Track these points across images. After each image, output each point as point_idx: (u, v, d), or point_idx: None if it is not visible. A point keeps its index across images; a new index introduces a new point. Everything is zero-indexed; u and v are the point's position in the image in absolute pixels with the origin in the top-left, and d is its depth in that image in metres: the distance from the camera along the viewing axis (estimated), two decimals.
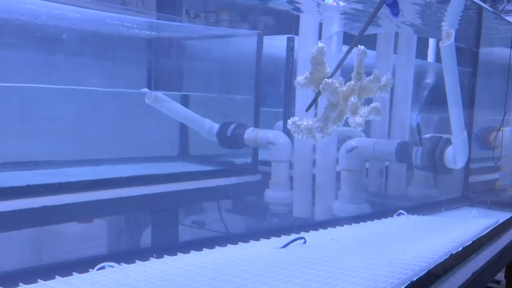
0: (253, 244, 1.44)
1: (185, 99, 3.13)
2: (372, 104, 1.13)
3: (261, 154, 2.94)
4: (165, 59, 3.20)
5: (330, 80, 1.09)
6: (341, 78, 1.12)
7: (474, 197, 2.40)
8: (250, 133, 2.72)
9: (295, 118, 1.10)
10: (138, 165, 2.94)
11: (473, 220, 1.78)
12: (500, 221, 1.95)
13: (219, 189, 2.74)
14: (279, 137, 2.58)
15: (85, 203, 2.27)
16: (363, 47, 1.14)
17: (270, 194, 2.61)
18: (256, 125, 2.92)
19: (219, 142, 2.84)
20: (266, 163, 2.82)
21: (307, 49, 2.43)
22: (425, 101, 3.44)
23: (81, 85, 2.68)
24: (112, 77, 2.90)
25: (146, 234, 2.90)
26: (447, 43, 1.74)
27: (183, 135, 3.27)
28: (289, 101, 2.85)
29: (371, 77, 1.13)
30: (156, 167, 3.00)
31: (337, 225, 1.70)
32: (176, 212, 2.82)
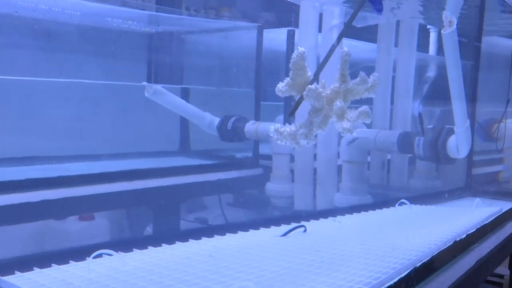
0: (252, 233, 1.42)
1: (185, 93, 3.12)
2: (360, 108, 1.10)
3: (263, 148, 2.93)
4: (165, 53, 3.19)
5: (313, 86, 1.05)
6: (323, 81, 1.09)
7: (477, 187, 2.38)
8: (250, 126, 2.70)
9: (277, 125, 1.07)
10: (138, 160, 2.93)
11: (476, 209, 1.76)
12: (504, 210, 1.92)
13: (220, 183, 2.72)
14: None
15: (84, 197, 2.26)
16: (346, 48, 1.11)
17: (271, 187, 2.60)
18: (257, 119, 2.90)
19: (220, 135, 2.83)
20: (268, 157, 2.81)
21: (307, 41, 2.42)
22: (427, 94, 3.42)
23: (80, 80, 2.66)
24: (111, 71, 2.89)
25: (147, 227, 2.89)
26: (449, 31, 1.72)
27: (184, 130, 3.26)
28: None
29: (357, 80, 1.10)
30: (156, 162, 2.99)
31: (338, 214, 1.68)
32: (176, 206, 2.81)
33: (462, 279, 1.50)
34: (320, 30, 2.34)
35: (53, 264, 1.13)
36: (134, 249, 1.24)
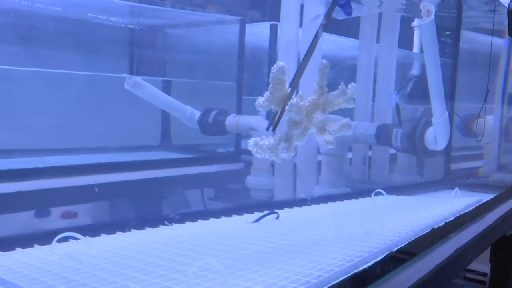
0: (224, 219, 1.40)
1: (167, 86, 3.08)
2: (342, 121, 1.10)
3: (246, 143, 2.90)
4: (146, 45, 3.16)
5: (294, 100, 1.05)
6: (300, 92, 1.08)
7: (456, 180, 2.38)
8: (231, 119, 2.68)
9: (256, 138, 1.06)
10: (118, 155, 2.89)
11: (455, 199, 1.75)
12: (484, 201, 1.92)
13: (200, 177, 2.70)
14: (261, 123, 2.54)
15: (61, 189, 2.23)
16: (325, 61, 1.11)
17: (252, 180, 2.58)
18: (239, 112, 2.88)
19: (201, 129, 2.80)
20: (249, 152, 2.78)
21: (288, 34, 2.41)
22: (410, 92, 3.42)
23: (58, 70, 2.62)
24: (92, 64, 2.85)
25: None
26: (427, 21, 1.71)
27: (165, 124, 3.23)
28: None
29: (337, 92, 1.10)
30: (136, 156, 2.95)
31: (313, 203, 1.67)
32: (158, 200, 2.77)
33: (440, 266, 1.49)
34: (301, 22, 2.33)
35: (17, 248, 1.10)
36: (102, 234, 1.22)
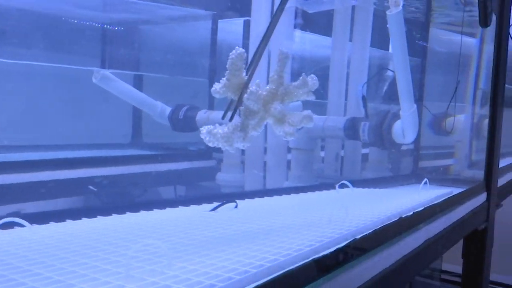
0: (181, 208, 1.35)
1: (138, 81, 3.03)
2: (303, 112, 1.06)
3: None
4: (117, 39, 3.09)
5: (253, 88, 1.01)
6: (258, 81, 1.04)
7: (425, 175, 2.37)
8: (202, 115, 2.64)
9: (210, 126, 1.01)
10: (87, 152, 2.82)
11: (424, 190, 1.72)
12: (455, 193, 1.90)
13: (171, 173, 2.65)
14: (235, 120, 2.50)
15: (23, 184, 2.16)
16: (285, 49, 1.06)
17: (222, 177, 2.54)
18: (211, 108, 2.84)
19: (171, 125, 2.75)
20: (220, 149, 2.74)
21: (259, 29, 2.38)
22: (385, 94, 3.42)
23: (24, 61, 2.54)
24: (59, 57, 2.78)
25: None
26: (394, 11, 1.70)
27: (136, 121, 3.17)
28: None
29: (297, 83, 1.06)
30: (105, 153, 2.88)
31: (275, 195, 1.63)
32: (126, 196, 2.71)
33: (409, 257, 1.45)
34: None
35: None
36: (51, 222, 1.16)
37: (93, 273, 0.79)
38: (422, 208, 1.55)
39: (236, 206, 1.36)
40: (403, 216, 1.41)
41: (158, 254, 0.86)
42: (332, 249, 1.04)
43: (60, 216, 1.20)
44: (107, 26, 3.00)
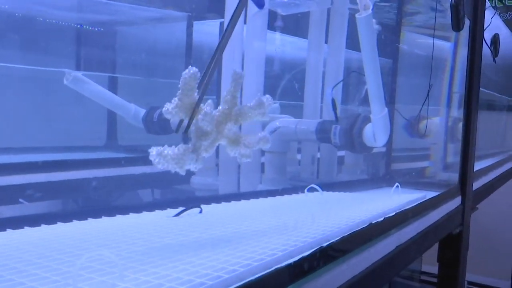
0: (145, 214, 1.33)
1: (112, 83, 2.98)
2: (259, 134, 1.05)
3: None
4: (91, 40, 3.05)
5: (208, 110, 0.98)
6: (210, 101, 1.01)
7: (399, 178, 2.37)
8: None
9: (159, 148, 0.97)
10: (59, 155, 2.77)
11: (397, 194, 1.71)
12: (429, 197, 1.89)
13: (145, 177, 2.61)
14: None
15: None
16: (239, 70, 1.06)
17: (196, 180, 2.51)
18: None
19: (145, 127, 2.71)
20: None
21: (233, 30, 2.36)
22: (359, 96, 3.43)
23: None
24: (31, 58, 2.72)
25: None
26: (364, 15, 1.70)
27: (111, 123, 3.12)
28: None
29: (252, 104, 1.04)
30: (78, 156, 2.83)
31: (242, 198, 1.61)
32: (101, 200, 2.66)
33: (379, 263, 1.44)
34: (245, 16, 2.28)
35: None
36: (8, 229, 1.12)
37: (41, 285, 0.76)
38: (394, 213, 1.54)
39: (200, 211, 1.34)
40: (373, 222, 1.40)
41: (112, 264, 0.84)
42: (296, 258, 1.02)
43: (18, 222, 1.17)
44: (81, 27, 2.95)
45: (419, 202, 1.79)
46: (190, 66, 0.98)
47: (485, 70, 2.95)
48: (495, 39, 3.05)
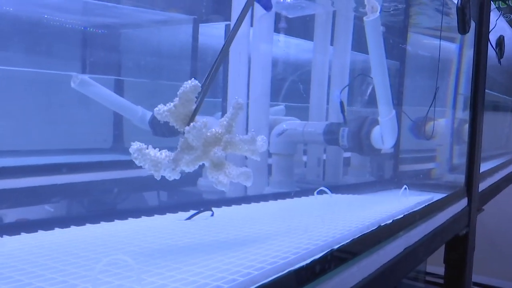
0: (157, 217, 1.34)
1: (119, 85, 2.99)
2: (242, 169, 1.03)
3: None
4: (97, 44, 3.06)
5: (198, 124, 0.97)
6: (205, 119, 1.01)
7: (406, 180, 2.38)
8: None
9: (141, 145, 0.95)
10: (66, 157, 2.78)
11: (404, 197, 1.71)
12: (435, 199, 1.89)
13: (152, 179, 2.61)
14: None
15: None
16: (241, 100, 1.04)
17: (203, 182, 2.51)
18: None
19: (152, 130, 2.72)
20: None
21: (238, 32, 2.36)
22: (367, 99, 3.43)
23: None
24: (39, 62, 2.74)
25: None
26: (372, 18, 1.70)
27: (117, 126, 3.13)
28: (226, 91, 2.77)
29: (245, 137, 1.03)
30: (86, 159, 2.84)
31: (252, 201, 1.62)
32: (108, 202, 2.67)
33: (388, 265, 1.44)
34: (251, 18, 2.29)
35: None
36: (22, 233, 1.13)
37: None
38: (402, 215, 1.55)
39: (212, 215, 1.35)
40: (382, 224, 1.40)
41: (128, 268, 0.84)
42: (308, 261, 1.02)
43: (32, 226, 1.18)
44: (87, 30, 2.97)
45: (426, 204, 1.80)
46: (192, 78, 0.98)
47: (490, 72, 2.95)
48: (500, 41, 3.06)
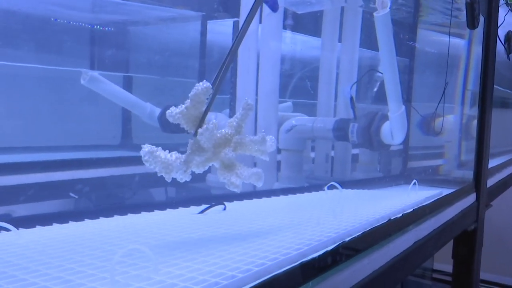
0: (169, 211, 1.35)
1: (127, 82, 3.01)
2: (254, 169, 1.03)
3: None
4: (106, 40, 3.07)
5: (209, 125, 0.97)
6: (214, 120, 1.00)
7: (415, 175, 2.37)
8: None
9: (153, 147, 0.95)
10: (75, 153, 2.80)
11: (414, 191, 1.71)
12: (445, 194, 1.89)
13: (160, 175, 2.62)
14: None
15: (12, 186, 2.14)
16: (250, 101, 1.05)
17: (212, 178, 2.52)
18: None
19: (161, 126, 2.74)
20: None
21: (248, 29, 2.37)
22: (375, 95, 3.42)
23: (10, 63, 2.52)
24: (48, 58, 2.75)
25: None
26: (382, 13, 1.71)
27: (126, 122, 3.15)
28: (235, 88, 2.78)
29: (255, 138, 1.03)
30: (94, 155, 2.86)
31: (264, 196, 1.63)
32: (116, 198, 2.69)
33: (398, 258, 1.46)
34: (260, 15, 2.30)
35: None
36: (37, 226, 1.15)
37: (79, 279, 0.78)
38: (411, 209, 1.55)
39: (224, 208, 1.36)
40: (392, 218, 1.41)
41: (145, 259, 0.86)
42: (321, 252, 1.03)
43: (47, 219, 1.19)
44: (96, 27, 2.98)
45: (435, 198, 1.81)
46: (204, 80, 0.98)
47: (499, 67, 2.94)
48: (509, 36, 3.04)
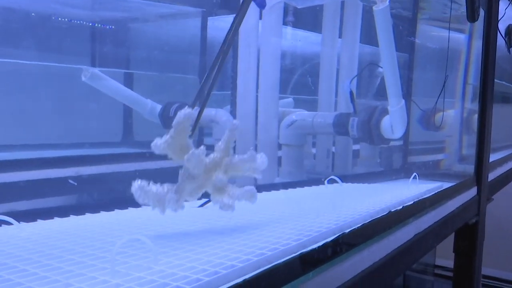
0: None
1: (128, 78, 3.01)
2: (246, 187, 1.03)
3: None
4: (107, 37, 3.08)
5: (196, 151, 0.96)
6: (203, 147, 0.99)
7: (415, 170, 2.37)
8: None
9: (143, 182, 0.95)
10: (77, 150, 2.80)
11: (414, 184, 1.72)
12: (445, 187, 1.90)
13: (162, 171, 2.63)
14: (222, 116, 2.51)
15: (12, 183, 2.15)
16: (236, 121, 1.05)
17: None
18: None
19: (162, 123, 2.74)
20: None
21: (247, 25, 2.37)
22: (376, 89, 3.42)
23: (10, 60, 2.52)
24: (49, 55, 2.76)
25: None
26: (381, 7, 1.71)
27: (127, 119, 3.15)
28: (235, 84, 2.79)
29: (244, 157, 1.02)
30: (95, 152, 2.87)
31: (264, 190, 1.63)
32: (119, 195, 2.69)
33: (398, 251, 1.46)
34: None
35: None
36: (38, 220, 1.16)
37: (79, 269, 0.79)
38: (412, 202, 1.56)
39: None
40: (392, 210, 1.41)
41: (145, 250, 0.86)
42: (320, 243, 1.04)
43: (48, 213, 1.20)
44: (97, 25, 2.99)
45: (436, 191, 1.81)
46: (186, 107, 0.98)
47: (500, 61, 2.94)
48: (510, 30, 3.04)
